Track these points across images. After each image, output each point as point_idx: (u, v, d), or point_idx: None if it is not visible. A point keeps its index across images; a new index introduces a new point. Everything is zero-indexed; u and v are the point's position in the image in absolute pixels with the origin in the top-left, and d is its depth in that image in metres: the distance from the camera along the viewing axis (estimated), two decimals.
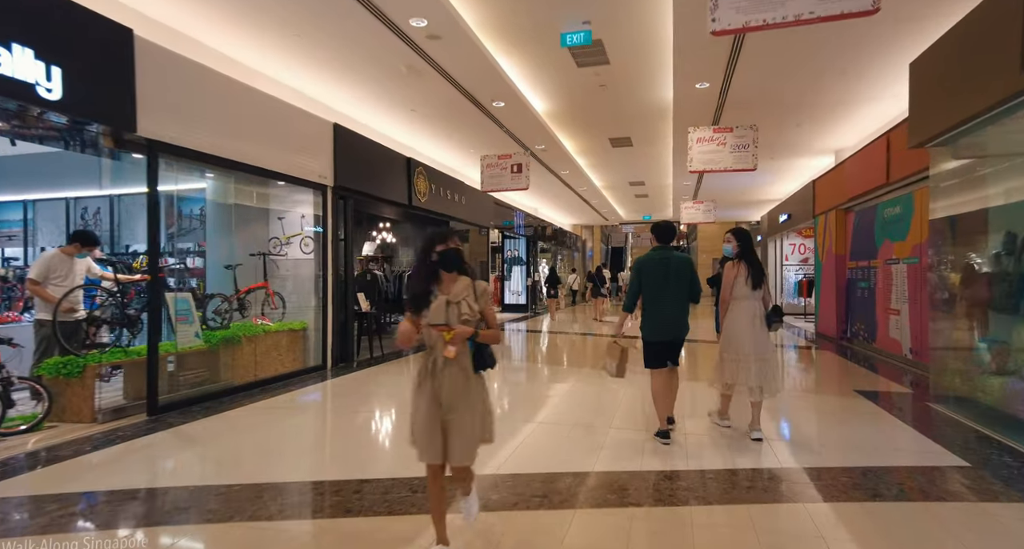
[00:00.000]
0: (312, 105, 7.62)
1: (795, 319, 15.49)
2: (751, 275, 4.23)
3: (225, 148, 5.61)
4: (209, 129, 5.40)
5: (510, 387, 6.52)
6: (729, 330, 4.29)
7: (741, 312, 4.24)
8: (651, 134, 10.95)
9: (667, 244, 4.27)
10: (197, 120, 5.25)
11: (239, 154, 5.80)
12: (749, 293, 4.23)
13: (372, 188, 8.36)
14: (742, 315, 4.23)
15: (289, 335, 6.84)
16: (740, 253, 4.32)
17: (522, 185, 9.49)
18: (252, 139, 6.00)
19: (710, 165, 8.12)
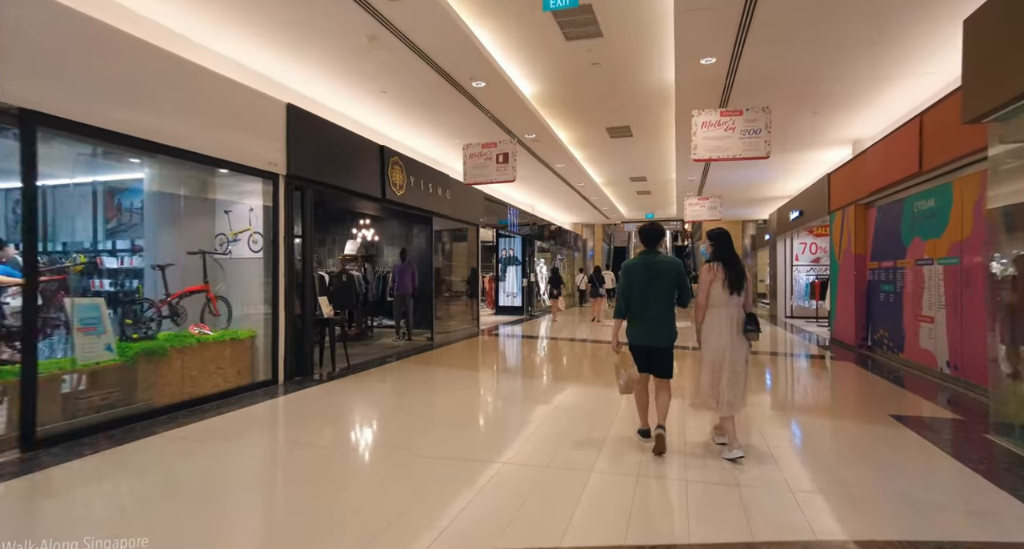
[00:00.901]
0: (260, 81, 6.74)
1: (806, 323, 14.52)
2: (728, 279, 3.89)
3: (140, 126, 4.72)
4: (115, 102, 4.51)
5: (479, 411, 5.61)
6: (705, 340, 3.98)
7: (717, 320, 3.91)
8: (652, 123, 10.02)
9: (653, 248, 4.18)
10: (96, 89, 4.36)
11: (161, 134, 4.92)
12: (726, 299, 3.88)
13: (337, 179, 7.47)
14: (718, 323, 3.90)
15: (233, 346, 5.96)
16: (715, 254, 4.00)
17: (508, 177, 8.59)
18: (178, 117, 5.11)
19: (717, 153, 7.19)
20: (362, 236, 12.55)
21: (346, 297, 10.34)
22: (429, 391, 6.23)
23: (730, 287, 3.87)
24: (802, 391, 6.54)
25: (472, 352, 9.59)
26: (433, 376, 7.08)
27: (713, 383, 3.89)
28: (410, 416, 5.19)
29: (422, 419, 5.06)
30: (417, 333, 11.31)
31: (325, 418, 5.04)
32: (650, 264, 4.05)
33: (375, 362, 7.97)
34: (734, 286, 3.87)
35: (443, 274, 12.57)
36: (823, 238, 15.68)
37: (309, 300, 6.93)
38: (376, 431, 4.70)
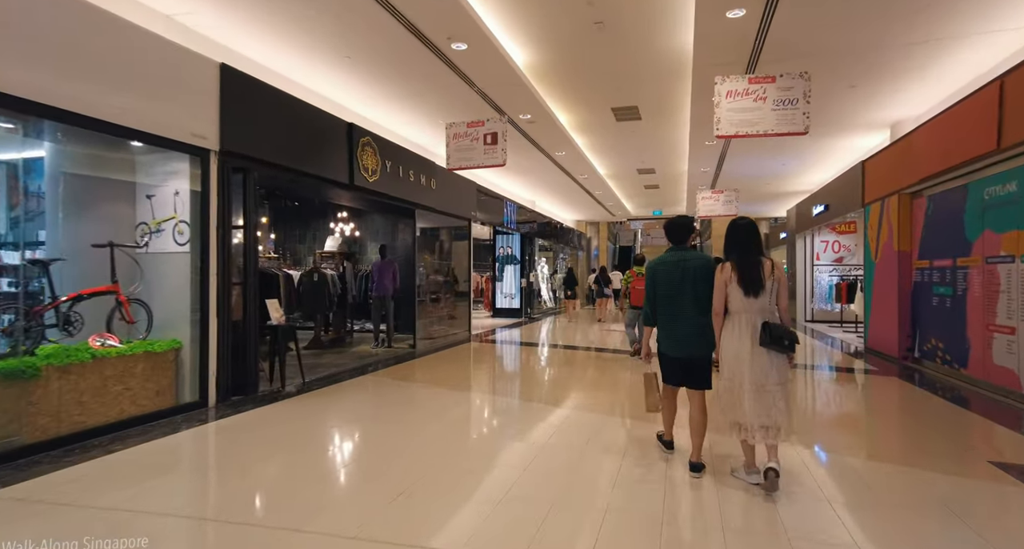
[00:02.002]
0: (191, 38, 5.57)
1: (830, 328, 13.26)
2: (742, 279, 3.27)
3: (9, 79, 3.57)
4: None
5: (446, 453, 4.43)
6: (723, 353, 3.36)
7: (734, 328, 3.31)
8: (664, 101, 8.81)
9: (682, 244, 3.73)
10: None
11: (44, 93, 3.76)
12: (744, 303, 3.27)
13: (293, 160, 6.31)
14: (735, 332, 3.29)
15: (148, 360, 4.80)
16: (727, 249, 3.42)
17: (497, 160, 7.41)
18: (67, 71, 3.95)
19: (745, 127, 5.98)
20: (340, 230, 11.41)
21: (317, 299, 9.19)
22: (389, 420, 5.05)
23: (744, 287, 3.24)
24: (851, 420, 5.32)
25: (458, 363, 8.41)
26: (402, 397, 5.90)
27: (733, 404, 3.28)
28: (350, 462, 4.01)
29: (360, 470, 3.88)
30: (401, 339, 10.15)
31: (234, 464, 3.87)
32: (680, 263, 3.57)
33: (342, 375, 6.79)
34: (750, 286, 3.23)
35: (430, 273, 11.39)
36: (847, 236, 14.41)
37: (252, 303, 5.76)
38: (285, 489, 3.52)
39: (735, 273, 3.28)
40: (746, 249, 3.31)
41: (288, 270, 9.25)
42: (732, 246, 3.37)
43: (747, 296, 3.23)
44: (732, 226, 3.43)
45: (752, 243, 3.33)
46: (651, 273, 3.64)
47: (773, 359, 3.18)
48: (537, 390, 6.43)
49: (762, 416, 3.15)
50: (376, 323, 9.55)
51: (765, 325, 3.18)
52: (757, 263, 3.25)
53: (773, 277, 3.23)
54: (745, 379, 3.20)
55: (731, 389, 3.28)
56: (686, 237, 3.72)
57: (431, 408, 5.31)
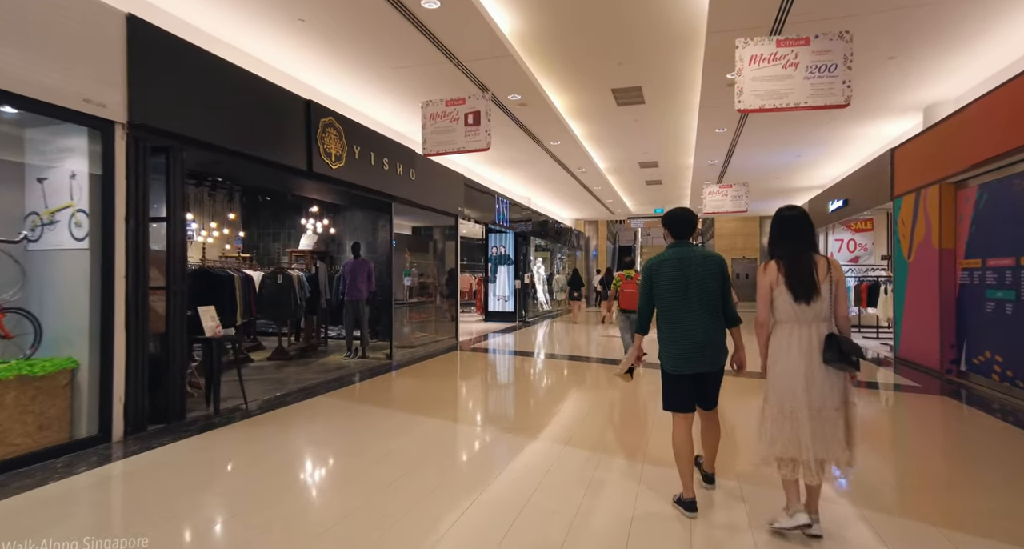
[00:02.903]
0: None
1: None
2: (792, 281, 2.64)
3: None
4: None
5: (430, 489, 3.40)
6: (770, 370, 2.75)
7: (786, 342, 2.68)
8: (670, 81, 7.81)
9: (685, 239, 3.12)
10: None
11: None
12: (794, 311, 2.65)
13: (234, 140, 5.29)
14: (787, 347, 2.67)
15: (24, 386, 3.78)
16: (773, 246, 2.79)
17: (481, 144, 6.39)
18: None
19: (772, 100, 4.97)
20: (313, 228, 10.40)
21: (281, 303, 8.17)
22: (323, 465, 4.03)
23: (794, 291, 2.66)
24: (912, 454, 4.30)
25: (438, 378, 7.39)
26: (354, 428, 4.88)
27: (785, 435, 2.64)
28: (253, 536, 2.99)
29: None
30: (378, 347, 9.14)
31: (115, 522, 2.84)
32: (683, 260, 3.01)
33: (292, 396, 5.77)
34: (801, 290, 2.65)
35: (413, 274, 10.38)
36: (864, 234, 13.41)
37: (179, 311, 4.74)
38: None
39: (782, 274, 2.68)
40: (797, 245, 2.70)
41: (248, 271, 8.24)
42: (779, 241, 2.77)
43: (797, 302, 2.64)
44: (780, 218, 2.81)
45: (804, 238, 2.73)
46: (649, 273, 3.07)
47: (833, 378, 2.63)
48: (523, 419, 5.40)
49: (820, 448, 2.58)
50: (349, 330, 8.53)
51: (832, 338, 2.60)
52: (810, 262, 2.65)
53: (830, 278, 2.64)
54: (802, 403, 2.61)
55: (782, 416, 2.66)
56: (690, 231, 3.16)
57: (386, 446, 4.28)
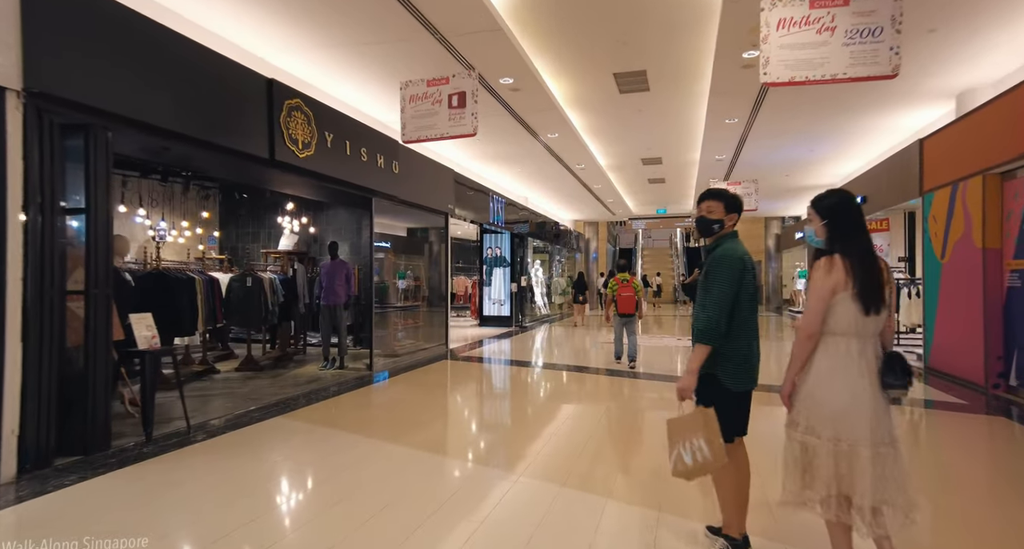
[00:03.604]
0: None
1: None
2: (861, 286, 2.06)
3: None
4: None
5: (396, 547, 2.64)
6: (812, 393, 2.13)
7: (843, 360, 2.09)
8: (678, 62, 7.07)
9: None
10: None
11: None
12: (859, 323, 2.08)
13: (176, 120, 4.54)
14: (845, 366, 2.09)
15: None
16: (834, 238, 2.17)
17: (466, 128, 5.64)
18: None
19: (804, 70, 4.22)
20: (291, 226, 9.66)
21: (249, 309, 7.42)
22: (270, 517, 3.26)
23: (865, 301, 2.06)
24: (975, 490, 3.53)
25: (421, 393, 6.63)
26: (318, 458, 4.12)
27: (845, 476, 2.03)
28: None
29: None
30: (361, 355, 8.39)
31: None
32: (749, 258, 2.45)
33: (249, 416, 5.00)
34: (872, 299, 2.07)
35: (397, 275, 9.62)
36: (879, 234, 12.62)
37: (102, 320, 3.97)
38: None
39: (853, 278, 2.08)
40: (867, 242, 2.15)
41: (214, 273, 7.48)
42: (849, 234, 2.16)
43: (868, 314, 2.08)
44: (849, 203, 2.20)
45: (868, 233, 2.21)
46: (742, 267, 2.37)
47: (886, 405, 2.13)
48: (513, 448, 4.63)
49: (879, 489, 2.02)
50: (325, 338, 7.76)
51: (893, 357, 2.13)
52: (879, 265, 2.14)
53: (888, 285, 2.16)
54: (865, 437, 2.04)
55: (836, 453, 2.06)
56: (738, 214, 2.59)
57: (343, 486, 3.51)
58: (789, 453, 2.15)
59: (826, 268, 2.10)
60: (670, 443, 2.35)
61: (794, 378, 2.17)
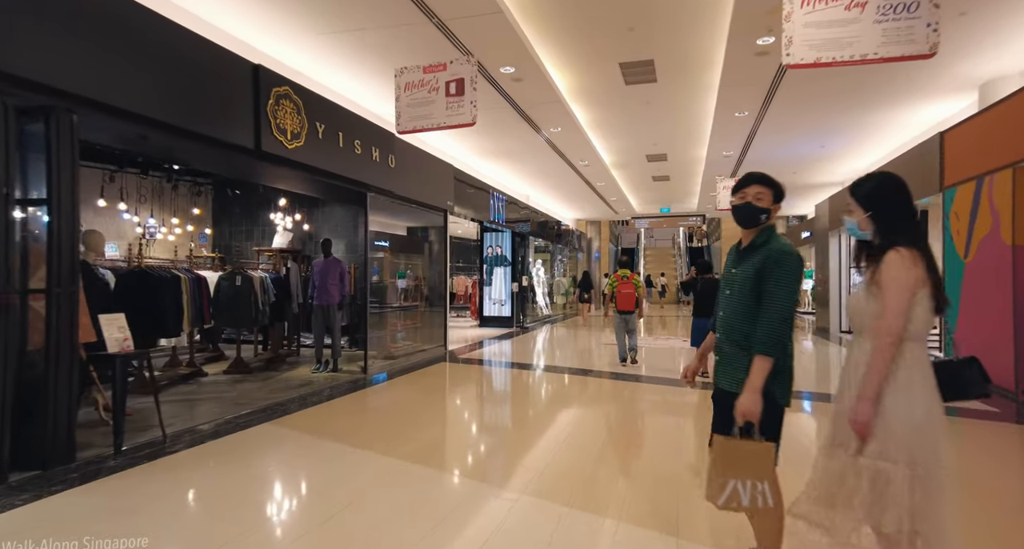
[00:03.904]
0: None
1: None
2: (937, 285, 1.82)
3: None
4: None
5: None
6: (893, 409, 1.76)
7: (922, 370, 1.79)
8: (687, 51, 6.73)
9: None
10: None
11: None
12: (930, 324, 1.85)
13: (152, 106, 4.21)
14: (925, 378, 1.79)
15: None
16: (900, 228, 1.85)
17: (465, 118, 5.31)
18: None
19: (832, 51, 3.88)
20: (283, 224, 9.33)
21: (238, 309, 7.09)
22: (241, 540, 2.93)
23: (938, 300, 1.80)
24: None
25: (416, 398, 6.30)
26: (302, 469, 3.80)
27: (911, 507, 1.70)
28: None
29: None
30: (356, 357, 8.06)
31: None
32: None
33: (232, 423, 4.67)
34: (943, 297, 1.82)
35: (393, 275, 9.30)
36: None
37: (65, 322, 3.64)
38: None
39: (927, 272, 1.80)
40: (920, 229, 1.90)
41: (203, 272, 7.16)
42: (893, 223, 1.87)
43: (937, 314, 1.83)
44: (890, 186, 1.91)
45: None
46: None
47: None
48: (512, 461, 4.29)
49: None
50: (318, 340, 7.43)
51: (975, 363, 1.88)
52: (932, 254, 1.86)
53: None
54: (939, 462, 1.74)
55: (912, 478, 1.72)
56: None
57: (331, 503, 3.18)
58: (851, 485, 1.80)
59: (910, 259, 1.77)
60: (718, 470, 1.99)
61: (875, 396, 1.78)
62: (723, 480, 1.94)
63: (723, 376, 2.16)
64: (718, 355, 2.22)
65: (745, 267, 2.10)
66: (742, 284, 2.09)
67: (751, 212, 2.12)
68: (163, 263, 6.97)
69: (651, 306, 23.10)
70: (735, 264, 2.18)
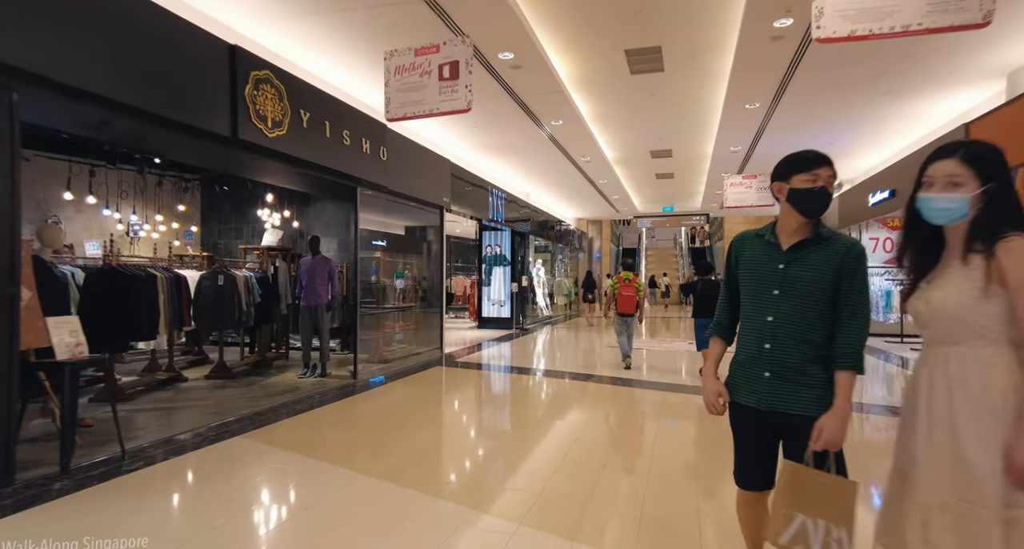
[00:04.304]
0: None
1: (888, 343, 10.71)
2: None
3: None
4: None
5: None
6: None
7: None
8: (697, 37, 6.31)
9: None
10: None
11: None
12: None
13: (113, 86, 3.80)
14: None
15: None
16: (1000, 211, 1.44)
17: (459, 103, 4.89)
18: None
19: (869, 22, 3.45)
20: (271, 221, 8.93)
21: (221, 310, 6.68)
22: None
23: None
24: None
25: (410, 407, 5.89)
26: (273, 489, 3.38)
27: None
28: None
29: None
30: (346, 361, 7.64)
31: None
32: None
33: (204, 436, 4.26)
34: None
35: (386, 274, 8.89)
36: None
37: (2, 322, 3.22)
38: None
39: None
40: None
41: (183, 271, 6.75)
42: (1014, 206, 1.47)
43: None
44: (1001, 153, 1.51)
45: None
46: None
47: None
48: (518, 483, 3.88)
49: None
50: (306, 343, 7.02)
51: None
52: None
53: None
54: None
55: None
56: None
57: (308, 534, 2.76)
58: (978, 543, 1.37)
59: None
60: (784, 501, 1.60)
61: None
62: (790, 513, 1.55)
63: (779, 395, 1.72)
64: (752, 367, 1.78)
65: (812, 264, 1.71)
66: (811, 285, 1.69)
67: (826, 199, 1.73)
68: (142, 262, 6.55)
69: (654, 308, 22.68)
70: (785, 260, 1.75)
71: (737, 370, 1.84)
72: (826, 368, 1.68)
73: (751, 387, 1.77)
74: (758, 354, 1.75)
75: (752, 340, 1.78)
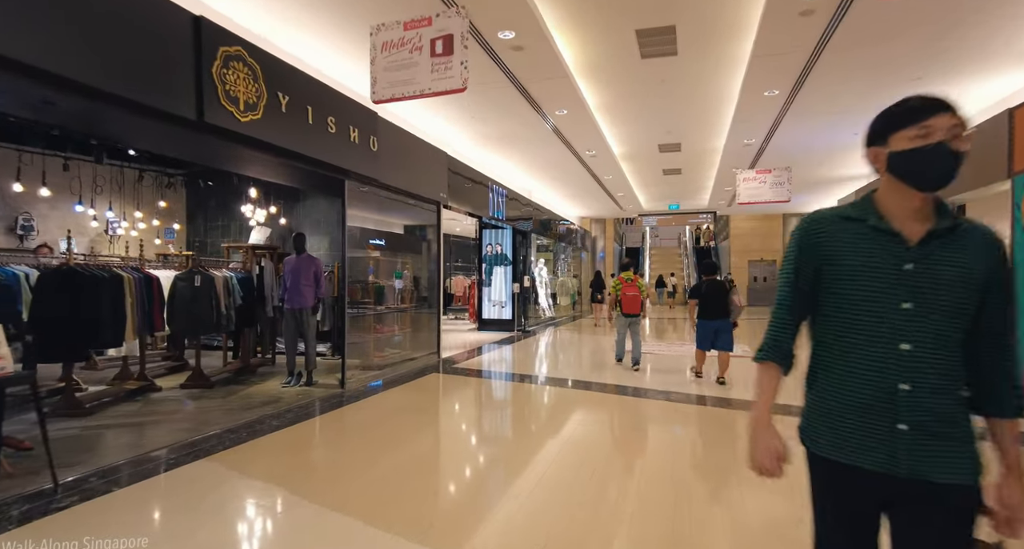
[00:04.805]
0: None
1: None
2: None
3: None
4: None
5: None
6: None
7: None
8: (716, 14, 5.75)
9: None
10: None
11: None
12: None
13: (54, 60, 3.26)
14: None
15: None
16: None
17: (454, 82, 4.34)
18: None
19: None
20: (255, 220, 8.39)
21: (197, 313, 6.14)
22: None
23: None
24: None
25: (400, 420, 5.33)
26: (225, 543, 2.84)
27: None
28: None
29: None
30: (334, 367, 7.11)
31: None
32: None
33: (158, 462, 3.71)
34: None
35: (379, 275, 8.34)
36: None
37: None
38: None
39: None
40: None
41: (155, 271, 6.21)
42: None
43: None
44: None
45: None
46: None
47: None
48: (518, 521, 3.32)
49: None
50: (290, 348, 6.47)
51: None
52: None
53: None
54: None
55: None
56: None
57: None
58: None
59: None
60: None
61: None
62: None
63: (926, 456, 1.16)
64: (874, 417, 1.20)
65: (954, 262, 1.16)
66: (957, 293, 1.14)
67: (951, 160, 1.15)
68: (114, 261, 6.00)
69: (660, 307, 22.12)
70: (914, 258, 1.18)
71: (840, 419, 1.24)
72: (967, 413, 1.16)
73: (879, 445, 1.19)
74: (888, 398, 1.18)
75: (871, 378, 1.20)
